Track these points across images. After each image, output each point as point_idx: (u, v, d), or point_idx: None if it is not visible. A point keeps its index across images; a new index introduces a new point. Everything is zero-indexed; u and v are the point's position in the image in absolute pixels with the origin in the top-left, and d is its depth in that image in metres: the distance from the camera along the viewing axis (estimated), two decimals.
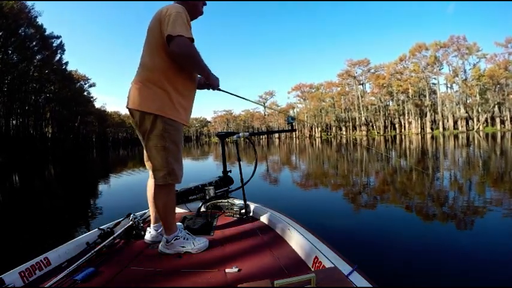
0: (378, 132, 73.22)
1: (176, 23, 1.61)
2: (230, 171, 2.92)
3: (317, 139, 64.38)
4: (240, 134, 2.71)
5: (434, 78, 66.54)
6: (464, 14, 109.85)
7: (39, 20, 45.49)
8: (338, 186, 6.74)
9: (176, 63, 1.74)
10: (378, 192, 5.92)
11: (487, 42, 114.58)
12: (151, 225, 2.05)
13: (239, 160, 2.63)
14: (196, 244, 1.86)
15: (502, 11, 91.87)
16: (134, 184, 8.69)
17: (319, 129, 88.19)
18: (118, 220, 2.25)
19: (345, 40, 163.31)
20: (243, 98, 2.45)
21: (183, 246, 1.85)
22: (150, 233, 2.03)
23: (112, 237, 1.96)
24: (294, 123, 2.81)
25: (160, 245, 1.88)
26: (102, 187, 8.42)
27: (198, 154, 22.88)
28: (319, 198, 5.71)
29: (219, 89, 2.01)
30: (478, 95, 59.56)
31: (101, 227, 2.11)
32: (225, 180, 2.88)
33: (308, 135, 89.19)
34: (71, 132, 62.50)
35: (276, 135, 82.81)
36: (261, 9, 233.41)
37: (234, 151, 3.07)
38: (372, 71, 77.69)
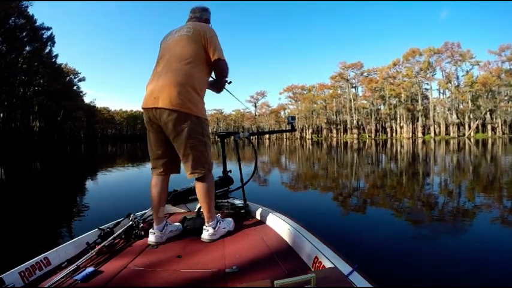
0: (369, 136, 73.88)
1: (220, 47, 2.06)
2: (230, 171, 2.90)
3: (308, 141, 64.70)
4: (240, 134, 2.72)
5: (427, 84, 67.49)
6: (457, 21, 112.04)
7: (30, 10, 44.81)
8: (337, 187, 6.78)
9: (207, 76, 2.11)
10: (377, 193, 5.96)
11: (481, 49, 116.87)
12: (155, 226, 2.03)
13: (239, 160, 2.65)
14: (229, 223, 2.15)
15: (495, 18, 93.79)
16: (132, 182, 8.65)
17: (310, 131, 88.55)
18: (118, 220, 2.23)
19: (338, 43, 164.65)
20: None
21: (224, 228, 2.08)
22: (154, 234, 2.00)
23: (112, 237, 1.94)
24: (294, 123, 2.82)
25: (206, 235, 2.00)
26: (98, 185, 8.28)
27: None
28: (318, 198, 5.74)
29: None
30: (470, 102, 60.57)
31: (101, 227, 2.09)
32: (225, 180, 2.86)
33: (299, 137, 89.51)
34: (59, 126, 61.47)
35: (266, 136, 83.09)
36: (254, 9, 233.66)
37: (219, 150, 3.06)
38: (365, 74, 78.24)
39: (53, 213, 5.14)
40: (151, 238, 2.00)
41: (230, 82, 2.36)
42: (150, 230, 2.03)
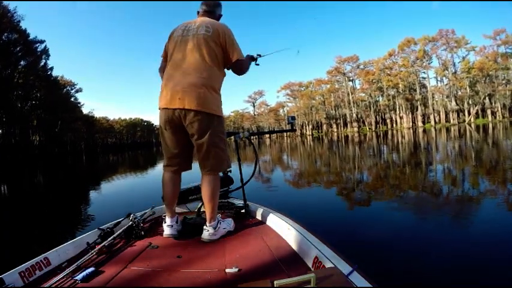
0: (369, 128, 73.91)
1: (239, 47, 2.11)
2: (230, 171, 2.91)
3: (308, 137, 64.74)
4: (240, 134, 2.76)
5: (424, 72, 67.68)
6: (450, 8, 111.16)
7: (23, 25, 44.79)
8: (337, 186, 6.75)
9: (224, 75, 2.17)
10: (377, 191, 5.90)
11: (476, 35, 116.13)
12: (170, 219, 2.08)
13: (239, 160, 2.67)
14: (229, 223, 2.14)
15: (488, 3, 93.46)
16: (132, 186, 8.67)
17: (310, 127, 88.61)
18: (118, 220, 2.24)
19: (332, 38, 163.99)
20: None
21: (224, 228, 2.07)
22: (172, 227, 2.06)
23: (112, 237, 1.94)
24: (294, 123, 2.83)
25: (206, 235, 1.99)
26: (99, 191, 8.28)
27: None
28: (318, 198, 5.70)
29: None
30: (468, 88, 60.55)
31: (101, 227, 2.09)
32: (225, 180, 2.86)
33: (299, 134, 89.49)
34: (58, 139, 61.41)
35: (267, 135, 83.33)
36: (250, 8, 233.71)
37: None
38: (361, 67, 78.44)
39: (53, 214, 5.18)
40: (170, 231, 2.04)
41: (258, 64, 2.44)
42: (166, 224, 2.06)
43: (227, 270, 1.50)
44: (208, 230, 1.98)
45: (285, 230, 1.93)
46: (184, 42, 2.03)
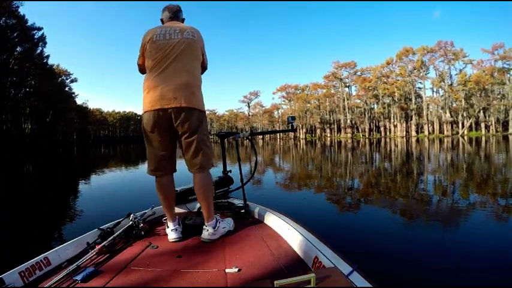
0: (362, 135, 74.22)
1: None
2: (230, 171, 2.90)
3: (301, 140, 64.83)
4: (241, 134, 2.76)
5: (421, 83, 68.09)
6: (450, 21, 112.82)
7: (21, 10, 44.18)
8: (334, 186, 6.79)
9: None
10: (376, 192, 5.97)
11: (474, 48, 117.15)
12: (172, 223, 2.08)
13: (239, 160, 2.66)
14: (229, 223, 2.16)
15: (488, 17, 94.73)
16: (130, 183, 8.64)
17: (304, 130, 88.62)
18: (118, 220, 2.22)
19: (332, 43, 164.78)
20: None
21: (224, 228, 2.09)
22: (177, 231, 2.05)
23: (112, 237, 1.93)
24: (293, 124, 2.83)
25: (206, 235, 2.00)
26: (97, 186, 8.22)
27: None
28: (316, 198, 5.73)
29: None
30: (463, 100, 61.08)
31: (101, 227, 2.08)
32: (225, 180, 2.86)
33: (293, 137, 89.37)
34: (50, 128, 60.52)
35: (260, 136, 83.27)
36: (248, 9, 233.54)
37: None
38: (358, 73, 78.66)
39: (52, 213, 5.12)
40: (175, 235, 2.03)
41: None
42: (170, 229, 2.05)
43: (227, 271, 1.51)
44: (207, 230, 2.00)
45: (285, 230, 1.95)
46: (171, 46, 2.04)
